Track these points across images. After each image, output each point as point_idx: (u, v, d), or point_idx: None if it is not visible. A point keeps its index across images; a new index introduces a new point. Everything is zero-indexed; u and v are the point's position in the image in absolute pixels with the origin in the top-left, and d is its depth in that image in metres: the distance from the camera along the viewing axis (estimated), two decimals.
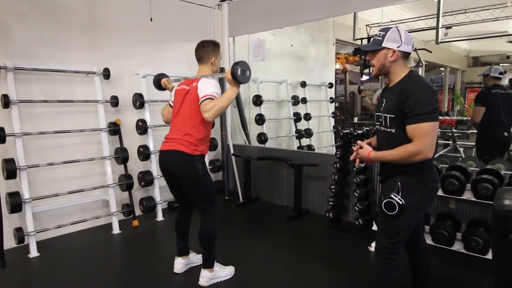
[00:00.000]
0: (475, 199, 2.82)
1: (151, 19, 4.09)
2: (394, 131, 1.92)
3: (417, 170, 1.89)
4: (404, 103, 1.83)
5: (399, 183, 1.90)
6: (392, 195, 1.87)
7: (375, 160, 2.01)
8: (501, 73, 4.06)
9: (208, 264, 2.66)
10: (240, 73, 2.37)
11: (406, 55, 1.96)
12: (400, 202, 1.85)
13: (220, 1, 4.86)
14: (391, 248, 1.96)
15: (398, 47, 1.90)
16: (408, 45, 1.93)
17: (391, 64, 1.94)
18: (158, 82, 2.86)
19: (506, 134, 4.01)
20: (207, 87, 2.47)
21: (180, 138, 2.50)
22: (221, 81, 4.19)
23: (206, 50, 2.66)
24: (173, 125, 2.62)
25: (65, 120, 3.61)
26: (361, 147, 2.07)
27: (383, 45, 1.91)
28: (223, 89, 2.94)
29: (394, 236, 1.95)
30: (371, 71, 2.08)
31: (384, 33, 1.92)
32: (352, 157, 2.16)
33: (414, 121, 1.81)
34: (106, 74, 3.78)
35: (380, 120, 2.00)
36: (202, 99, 2.43)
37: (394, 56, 1.91)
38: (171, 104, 2.72)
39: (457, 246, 2.94)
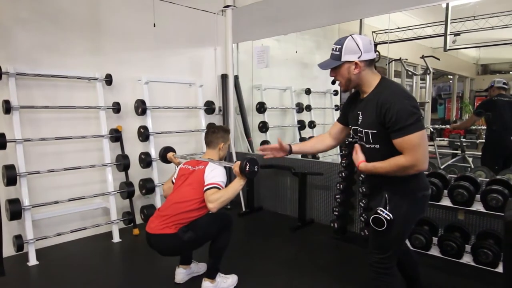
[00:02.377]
0: (484, 210, 2.73)
1: (154, 25, 4.06)
2: (378, 146, 1.80)
3: (404, 179, 1.77)
4: (385, 117, 1.70)
5: (386, 196, 1.80)
6: (379, 210, 1.77)
7: (365, 171, 1.88)
8: (505, 84, 4.11)
9: (211, 274, 2.62)
10: (248, 169, 2.37)
11: (370, 63, 1.83)
12: (388, 218, 1.74)
13: (224, 7, 4.84)
14: (384, 263, 1.88)
15: (359, 57, 1.77)
16: (369, 52, 1.79)
17: (357, 77, 1.81)
18: (164, 155, 2.91)
19: None
20: (215, 174, 2.46)
21: (170, 217, 2.42)
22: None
23: (216, 136, 2.70)
24: (168, 200, 2.58)
25: (66, 126, 3.58)
26: (356, 153, 1.94)
27: (342, 59, 1.79)
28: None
29: (387, 251, 1.87)
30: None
31: (340, 46, 1.80)
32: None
33: (400, 135, 1.69)
34: (108, 80, 3.75)
35: (360, 135, 1.88)
36: (209, 186, 2.41)
37: (358, 68, 1.79)
38: (173, 180, 2.70)
39: (466, 259, 2.86)
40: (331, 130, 2.24)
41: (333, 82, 1.97)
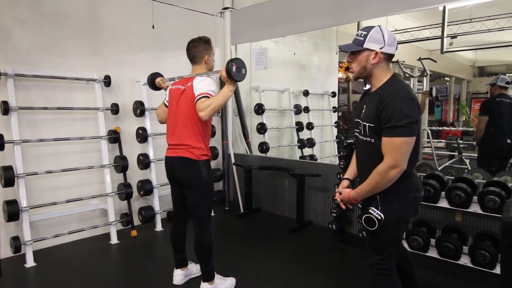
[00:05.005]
0: (482, 212, 2.75)
1: (153, 26, 4.07)
2: (373, 141, 1.80)
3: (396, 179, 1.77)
4: (381, 113, 1.71)
5: (378, 196, 1.81)
6: (370, 210, 1.78)
7: (358, 197, 1.88)
8: (507, 83, 4.11)
9: (208, 277, 2.60)
10: (235, 71, 2.28)
11: (389, 57, 1.82)
12: (379, 217, 1.76)
13: (223, 9, 4.85)
14: (381, 264, 1.88)
15: (381, 48, 1.76)
16: (391, 47, 1.79)
17: (373, 67, 1.80)
18: (153, 81, 2.83)
19: (509, 141, 4.00)
20: (203, 84, 2.42)
21: (185, 145, 2.47)
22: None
23: (198, 49, 2.60)
24: (172, 128, 2.57)
25: (64, 127, 3.57)
26: (340, 194, 1.98)
27: (364, 46, 1.78)
28: None
29: (383, 251, 1.88)
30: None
31: (366, 32, 1.78)
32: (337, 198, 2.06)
33: (387, 134, 1.69)
34: (107, 81, 3.75)
35: (359, 128, 1.88)
36: (198, 97, 2.37)
37: (377, 58, 1.78)
38: (166, 103, 2.69)
39: (464, 260, 2.88)
40: None
41: (347, 69, 1.98)
